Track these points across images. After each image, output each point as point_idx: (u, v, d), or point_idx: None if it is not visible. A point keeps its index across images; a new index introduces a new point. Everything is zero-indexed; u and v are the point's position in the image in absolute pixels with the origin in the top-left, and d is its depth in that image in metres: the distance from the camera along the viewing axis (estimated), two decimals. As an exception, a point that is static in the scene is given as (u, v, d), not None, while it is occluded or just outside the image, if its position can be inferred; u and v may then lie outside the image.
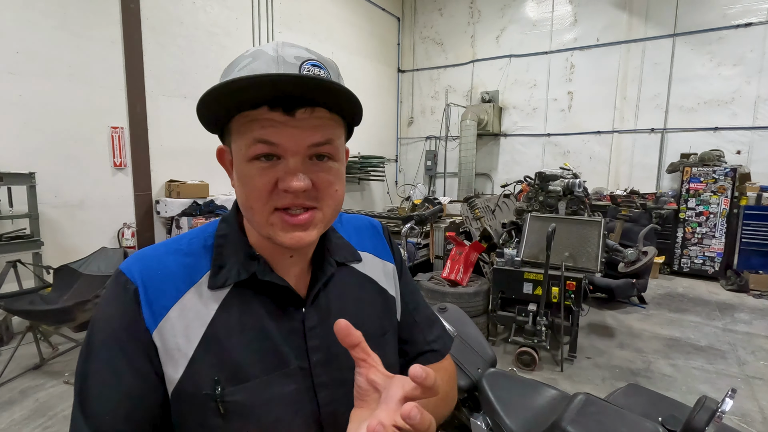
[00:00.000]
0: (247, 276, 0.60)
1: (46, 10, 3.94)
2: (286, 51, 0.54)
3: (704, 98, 6.51)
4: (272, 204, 0.55)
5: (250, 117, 0.53)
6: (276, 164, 0.54)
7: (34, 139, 3.94)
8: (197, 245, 0.63)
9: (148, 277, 0.58)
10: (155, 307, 0.56)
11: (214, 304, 0.58)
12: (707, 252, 6.07)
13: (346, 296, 0.68)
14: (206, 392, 0.55)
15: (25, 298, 3.17)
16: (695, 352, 3.73)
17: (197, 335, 0.57)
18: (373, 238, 0.79)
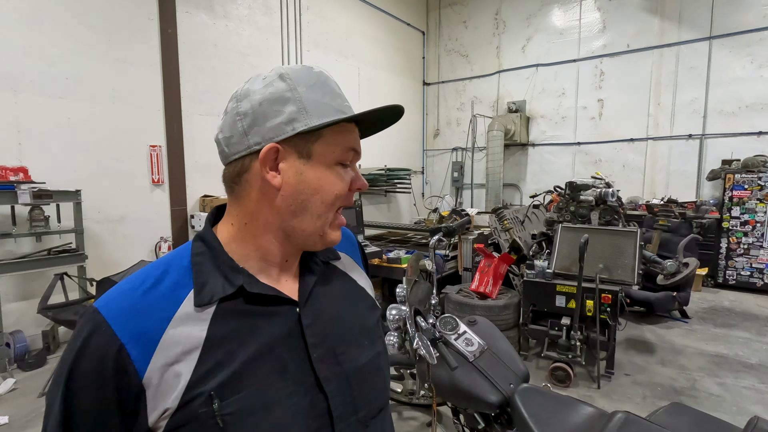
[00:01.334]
0: (234, 290, 0.60)
1: (93, 38, 4.22)
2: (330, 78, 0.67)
3: (746, 102, 6.22)
4: (340, 203, 0.65)
5: (345, 127, 0.64)
6: (348, 168, 0.66)
7: (80, 159, 4.19)
8: (175, 268, 0.61)
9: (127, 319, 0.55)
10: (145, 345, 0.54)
11: (204, 323, 0.58)
12: (755, 263, 5.72)
13: (334, 293, 0.72)
14: (202, 410, 0.55)
15: (71, 309, 3.33)
16: (745, 370, 3.49)
17: (194, 357, 0.56)
18: (348, 242, 0.85)
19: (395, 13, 8.37)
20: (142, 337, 0.55)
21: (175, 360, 0.55)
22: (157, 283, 0.59)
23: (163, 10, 4.74)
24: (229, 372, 0.56)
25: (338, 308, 0.71)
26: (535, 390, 1.77)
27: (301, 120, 0.60)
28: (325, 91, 0.63)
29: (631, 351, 3.86)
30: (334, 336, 0.67)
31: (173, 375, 0.55)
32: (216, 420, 0.55)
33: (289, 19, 6.26)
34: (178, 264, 0.62)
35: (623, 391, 3.17)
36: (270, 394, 0.58)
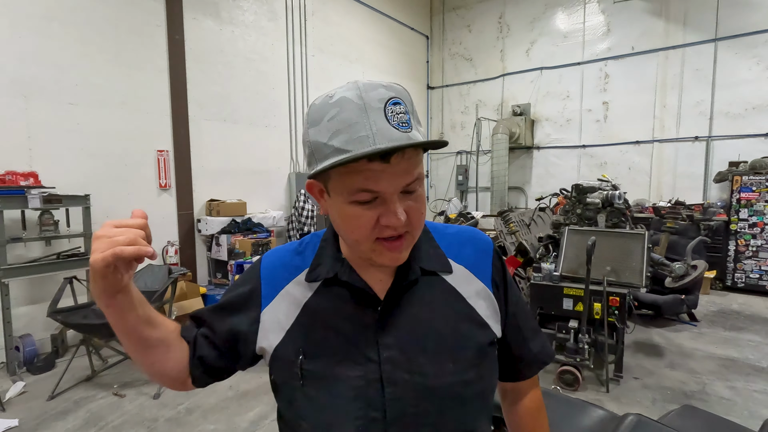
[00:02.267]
0: (333, 275, 0.72)
1: (102, 45, 4.28)
2: (369, 95, 0.58)
3: (753, 103, 6.19)
4: (374, 236, 0.63)
5: (351, 168, 0.58)
6: (375, 204, 0.61)
7: (89, 163, 4.24)
8: (309, 247, 0.78)
9: (271, 268, 0.77)
10: (269, 291, 0.75)
11: (308, 293, 0.73)
12: (764, 266, 5.66)
13: (424, 303, 0.71)
14: (291, 359, 0.69)
15: (80, 312, 3.35)
16: (756, 373, 3.45)
17: (293, 315, 0.72)
18: (477, 254, 0.79)
19: (399, 17, 8.42)
20: (271, 284, 0.75)
21: (282, 311, 0.73)
22: (296, 253, 0.78)
23: (170, 17, 4.80)
24: (313, 338, 0.70)
25: (425, 319, 0.70)
26: (545, 393, 1.76)
27: (312, 164, 0.62)
28: (332, 126, 0.58)
29: (639, 354, 3.83)
30: (410, 343, 0.68)
31: (277, 321, 0.73)
32: (298, 371, 0.68)
33: (294, 24, 6.31)
34: (312, 244, 0.78)
35: (632, 395, 3.14)
36: (338, 370, 0.67)
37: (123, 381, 3.40)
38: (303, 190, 6.16)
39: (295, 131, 6.42)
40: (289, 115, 6.33)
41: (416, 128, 0.60)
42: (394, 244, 0.63)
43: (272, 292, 0.74)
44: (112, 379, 3.44)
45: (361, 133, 0.56)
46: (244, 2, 5.65)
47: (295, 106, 6.40)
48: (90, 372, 3.45)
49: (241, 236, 5.04)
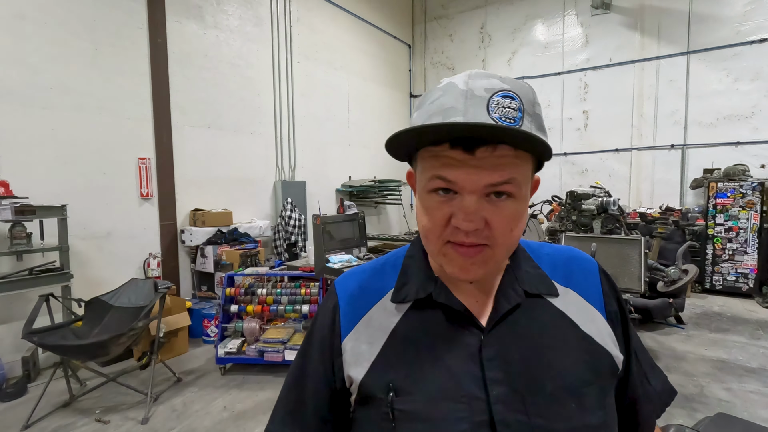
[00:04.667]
0: (425, 295, 0.63)
1: (79, 47, 4.05)
2: (477, 83, 0.54)
3: (723, 113, 6.49)
4: (445, 237, 0.56)
5: (432, 152, 0.55)
6: (452, 198, 0.55)
7: (64, 172, 3.97)
8: (389, 265, 0.71)
9: (349, 293, 0.68)
10: (350, 318, 0.66)
11: (396, 317, 0.63)
12: (740, 268, 5.90)
13: (533, 330, 0.61)
14: (380, 396, 0.59)
15: (57, 332, 3.10)
16: (748, 374, 3.55)
17: (379, 343, 0.62)
18: (584, 275, 0.69)
19: (382, 26, 8.43)
20: (352, 309, 0.66)
21: (366, 340, 0.63)
22: (375, 274, 0.70)
23: (152, 20, 4.60)
24: (405, 370, 0.59)
25: (538, 350, 0.59)
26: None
27: None
28: (432, 108, 0.54)
29: (635, 359, 3.87)
30: (524, 379, 0.57)
31: (361, 352, 0.62)
32: (389, 411, 0.57)
33: (279, 30, 6.20)
34: (393, 263, 0.71)
35: (635, 400, 3.15)
36: (438, 411, 0.56)
37: (105, 405, 3.16)
38: (290, 198, 6.01)
39: (280, 138, 6.27)
40: (274, 122, 6.18)
41: (528, 129, 0.53)
42: (466, 250, 0.55)
43: (353, 318, 0.65)
44: (93, 404, 3.18)
45: (453, 117, 0.52)
46: (229, 7, 5.51)
47: (281, 113, 6.26)
48: (68, 397, 3.19)
49: (228, 247, 4.84)
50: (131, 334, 2.99)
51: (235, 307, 3.76)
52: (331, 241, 3.82)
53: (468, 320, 0.60)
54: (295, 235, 5.84)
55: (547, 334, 0.61)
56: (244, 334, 3.74)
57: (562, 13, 7.74)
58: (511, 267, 0.65)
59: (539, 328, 0.61)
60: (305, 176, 6.65)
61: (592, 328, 0.64)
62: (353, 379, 0.61)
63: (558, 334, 0.61)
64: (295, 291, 3.79)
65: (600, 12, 7.31)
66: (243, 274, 3.90)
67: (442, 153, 0.53)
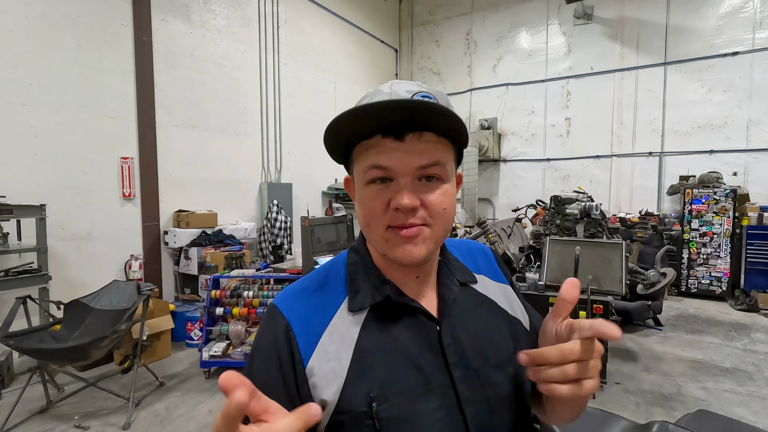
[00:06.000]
0: (381, 299, 0.65)
1: (60, 42, 3.95)
2: (399, 87, 0.61)
3: (698, 123, 6.74)
4: (386, 222, 0.60)
5: (366, 145, 0.60)
6: (389, 186, 0.60)
7: (43, 171, 3.86)
8: (332, 276, 0.70)
9: (299, 313, 0.64)
10: (308, 338, 0.62)
11: (356, 327, 0.63)
12: (713, 272, 6.12)
13: (471, 316, 0.70)
14: (362, 410, 0.59)
15: (35, 336, 3.00)
16: (722, 374, 3.68)
17: (347, 356, 0.61)
18: (486, 261, 0.82)
19: (369, 29, 8.48)
20: (308, 331, 0.63)
21: (332, 357, 0.61)
22: (320, 288, 0.68)
23: (137, 17, 4.53)
24: (380, 378, 0.60)
25: (478, 331, 0.68)
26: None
27: None
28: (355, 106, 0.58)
29: (616, 359, 3.98)
30: (475, 358, 0.65)
31: (330, 370, 0.60)
32: (374, 422, 0.58)
33: (267, 31, 6.17)
34: (336, 272, 0.70)
35: (617, 400, 3.24)
36: (418, 406, 0.60)
37: (85, 411, 3.07)
38: (276, 200, 5.97)
39: (267, 140, 6.23)
40: (261, 124, 6.13)
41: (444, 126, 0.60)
42: (407, 231, 0.59)
43: (312, 338, 0.62)
44: (71, 410, 3.09)
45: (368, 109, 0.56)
46: (216, 6, 5.46)
47: (267, 114, 6.22)
48: (45, 402, 3.09)
49: (213, 249, 4.78)
50: (113, 337, 2.92)
51: (220, 309, 3.71)
52: (319, 243, 3.82)
53: (424, 314, 0.65)
54: (281, 237, 5.80)
55: (479, 315, 0.71)
56: (229, 337, 3.69)
57: (545, 22, 7.93)
58: (443, 261, 0.72)
59: (473, 311, 0.70)
60: (291, 178, 6.61)
61: (506, 303, 0.76)
62: (326, 402, 0.59)
63: (487, 314, 0.72)
64: (282, 293, 3.76)
65: (582, 22, 7.52)
66: (229, 276, 3.86)
67: (375, 144, 0.59)
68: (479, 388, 0.64)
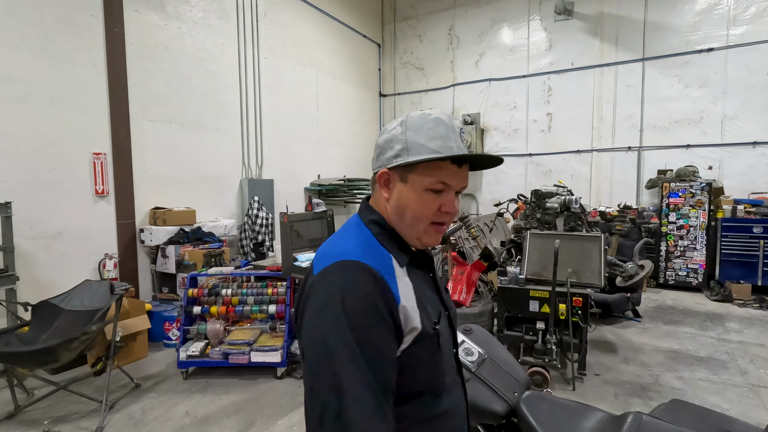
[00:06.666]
0: (410, 258, 0.92)
1: (24, 33, 3.79)
2: (454, 122, 0.89)
3: (675, 118, 6.86)
4: (433, 218, 0.89)
5: (439, 165, 0.86)
6: (440, 196, 0.88)
7: (8, 167, 3.71)
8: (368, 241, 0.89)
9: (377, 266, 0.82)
10: (393, 283, 0.83)
11: (407, 277, 0.88)
12: (690, 264, 6.26)
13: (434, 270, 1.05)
14: (431, 331, 0.85)
15: (1, 339, 2.88)
16: (697, 363, 3.76)
17: (413, 297, 0.85)
18: None
19: (351, 24, 8.38)
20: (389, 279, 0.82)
21: (407, 297, 0.84)
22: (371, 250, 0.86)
23: (108, 7, 4.37)
24: (430, 309, 0.88)
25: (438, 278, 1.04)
26: (540, 397, 1.75)
27: (402, 156, 0.87)
28: (430, 134, 0.86)
29: (596, 351, 4.03)
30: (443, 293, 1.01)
31: (411, 307, 0.83)
32: (438, 338, 0.87)
33: (246, 24, 6.04)
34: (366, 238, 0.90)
35: (596, 391, 3.27)
36: (442, 325, 0.90)
37: (55, 416, 2.96)
38: (257, 197, 5.87)
39: (247, 135, 6.11)
40: (240, 119, 6.01)
41: None
42: (441, 228, 0.91)
43: (393, 283, 0.83)
44: (41, 414, 2.98)
45: (449, 144, 0.86)
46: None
47: (248, 108, 6.10)
48: (13, 408, 2.97)
49: (191, 247, 4.67)
50: (84, 339, 2.82)
51: (198, 308, 3.63)
52: (299, 239, 3.75)
53: (428, 268, 0.99)
54: (263, 234, 5.71)
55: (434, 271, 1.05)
56: (207, 337, 3.61)
57: (527, 17, 7.96)
58: None
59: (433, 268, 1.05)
60: (273, 174, 6.51)
61: None
62: (416, 328, 0.82)
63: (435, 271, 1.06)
64: (262, 291, 3.70)
65: (562, 18, 7.57)
66: (207, 274, 3.77)
67: (446, 166, 0.86)
68: (450, 310, 1.00)
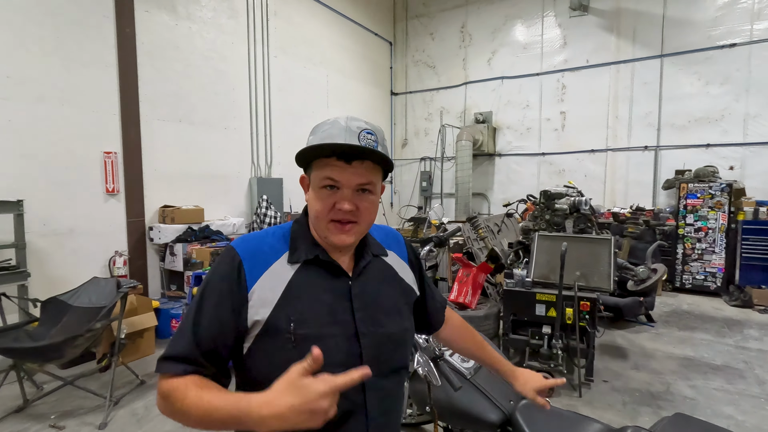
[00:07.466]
0: (312, 257, 0.90)
1: (39, 34, 3.86)
2: (352, 123, 0.86)
3: (695, 116, 6.64)
4: (330, 217, 0.87)
5: (324, 162, 0.86)
6: (336, 192, 0.86)
7: (22, 166, 3.79)
8: (279, 235, 0.94)
9: (249, 253, 0.88)
10: (254, 272, 0.86)
11: (291, 272, 0.88)
12: (708, 268, 6.05)
13: (375, 278, 0.98)
14: (284, 327, 0.83)
15: (9, 334, 2.94)
16: (712, 372, 3.62)
17: (279, 290, 0.85)
18: (397, 243, 1.10)
19: (363, 22, 8.35)
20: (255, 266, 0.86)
21: (267, 288, 0.85)
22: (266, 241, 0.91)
23: (120, 8, 4.43)
24: (300, 308, 0.85)
25: (379, 288, 0.97)
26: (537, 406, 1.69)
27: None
28: (322, 135, 0.86)
29: (605, 357, 3.92)
30: (374, 306, 0.93)
31: (265, 297, 0.84)
32: (291, 336, 0.83)
33: (255, 23, 6.07)
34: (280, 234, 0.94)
35: (604, 398, 3.18)
36: (323, 331, 0.85)
37: (62, 410, 3.02)
38: (266, 195, 5.89)
39: (256, 134, 6.14)
40: (250, 118, 6.05)
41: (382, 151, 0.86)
42: (342, 227, 0.87)
43: (257, 273, 0.86)
44: (48, 409, 3.04)
45: (337, 140, 0.84)
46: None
47: (257, 107, 6.13)
48: (22, 402, 3.03)
49: (199, 245, 4.71)
50: (88, 336, 2.86)
51: (202, 306, 3.65)
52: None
53: (341, 272, 0.92)
54: (271, 233, 5.73)
55: (382, 278, 1.00)
56: (212, 335, 3.63)
57: (541, 14, 7.80)
58: (364, 240, 0.97)
59: (379, 275, 0.99)
60: (282, 173, 6.54)
61: (405, 275, 1.06)
62: (259, 319, 0.83)
63: (388, 278, 1.01)
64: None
65: (578, 14, 7.39)
66: (211, 272, 3.79)
67: (331, 163, 0.85)
68: (373, 327, 0.91)
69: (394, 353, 0.95)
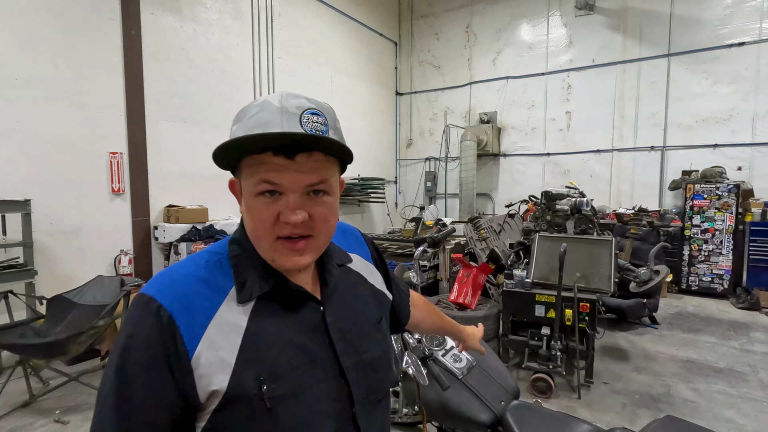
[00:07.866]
0: (268, 288, 0.68)
1: (46, 37, 3.94)
2: (289, 102, 0.62)
3: (702, 116, 6.56)
4: (275, 233, 0.64)
5: (257, 160, 0.62)
6: (278, 199, 0.63)
7: (30, 166, 3.87)
8: (214, 266, 0.68)
9: (179, 301, 0.62)
10: (194, 328, 0.61)
11: (245, 316, 0.65)
12: (715, 269, 5.98)
13: (348, 293, 0.80)
14: (254, 392, 0.62)
15: (16, 331, 3.02)
16: (715, 375, 3.58)
17: (236, 345, 0.63)
18: (357, 242, 0.92)
19: (368, 23, 8.37)
20: (192, 320, 0.62)
21: (219, 346, 0.62)
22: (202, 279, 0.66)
23: (126, 11, 4.49)
24: (269, 360, 0.64)
25: (354, 306, 0.79)
26: (527, 407, 1.70)
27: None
28: (250, 123, 0.62)
29: (606, 358, 3.90)
30: (352, 331, 0.75)
31: (218, 359, 0.61)
32: (264, 402, 0.62)
33: (260, 24, 6.11)
34: (217, 262, 0.69)
35: (603, 400, 3.17)
36: (304, 381, 0.66)
37: (67, 405, 3.08)
38: (269, 195, 5.92)
39: (260, 135, 6.18)
40: (254, 118, 6.09)
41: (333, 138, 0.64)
42: (293, 244, 0.65)
43: (198, 329, 0.62)
44: (54, 404, 3.10)
45: (272, 129, 0.60)
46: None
47: (261, 108, 6.17)
48: (28, 397, 3.10)
49: (203, 244, 4.76)
50: (92, 333, 2.92)
51: (205, 305, 3.70)
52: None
53: (308, 298, 0.72)
54: (274, 232, 5.77)
55: (354, 292, 0.82)
56: (213, 333, 3.67)
57: (546, 13, 7.76)
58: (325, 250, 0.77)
59: (350, 289, 0.81)
60: (286, 173, 6.57)
61: (374, 279, 0.89)
62: (217, 389, 0.60)
63: (360, 290, 0.83)
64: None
65: (583, 13, 7.34)
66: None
67: (266, 160, 0.61)
68: (357, 356, 0.73)
69: (383, 380, 0.79)
